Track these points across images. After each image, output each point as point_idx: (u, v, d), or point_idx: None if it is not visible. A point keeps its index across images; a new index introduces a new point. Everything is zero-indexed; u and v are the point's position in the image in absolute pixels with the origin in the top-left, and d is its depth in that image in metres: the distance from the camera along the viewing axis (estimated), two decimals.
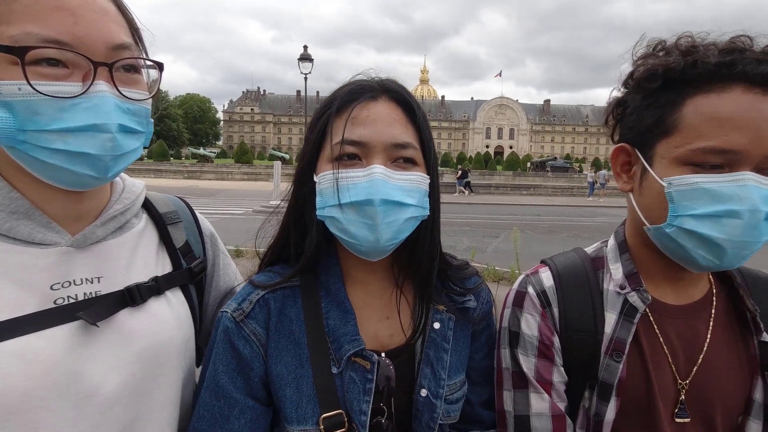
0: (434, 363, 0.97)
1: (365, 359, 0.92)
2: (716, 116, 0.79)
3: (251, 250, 9.34)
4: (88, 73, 0.71)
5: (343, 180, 0.86)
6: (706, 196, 0.80)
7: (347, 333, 0.93)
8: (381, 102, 0.91)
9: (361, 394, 0.90)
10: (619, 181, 0.97)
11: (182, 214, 1.05)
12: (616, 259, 1.00)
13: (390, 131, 0.88)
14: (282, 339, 0.93)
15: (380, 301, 1.01)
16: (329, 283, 0.97)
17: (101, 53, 0.71)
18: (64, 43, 0.68)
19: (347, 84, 0.94)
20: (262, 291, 0.96)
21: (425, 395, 0.95)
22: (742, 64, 0.78)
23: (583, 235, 14.14)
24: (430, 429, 0.95)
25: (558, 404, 0.95)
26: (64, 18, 0.68)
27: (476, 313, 1.06)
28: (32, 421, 0.71)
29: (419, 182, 0.90)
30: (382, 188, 0.84)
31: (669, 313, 0.96)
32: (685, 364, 0.93)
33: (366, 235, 0.86)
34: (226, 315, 0.94)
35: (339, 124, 0.89)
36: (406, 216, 0.88)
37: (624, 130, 0.96)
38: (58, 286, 0.77)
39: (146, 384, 0.84)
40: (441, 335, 0.99)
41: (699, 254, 0.83)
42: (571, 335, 0.96)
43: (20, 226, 0.75)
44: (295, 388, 0.91)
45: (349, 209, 0.86)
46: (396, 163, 0.89)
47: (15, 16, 0.66)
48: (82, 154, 0.71)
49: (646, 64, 0.89)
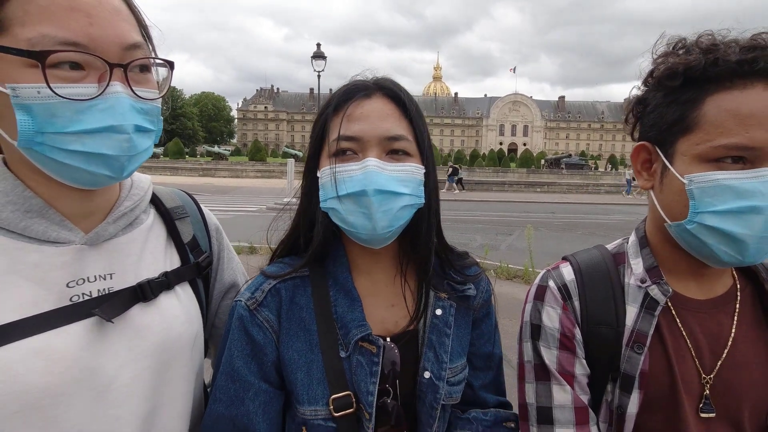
0: (437, 347, 1.02)
1: (371, 343, 0.97)
2: (738, 113, 0.79)
3: (265, 247, 9.36)
4: (103, 74, 0.71)
5: (340, 173, 0.92)
6: (728, 192, 0.80)
7: (354, 319, 0.98)
8: (374, 99, 0.96)
9: (368, 376, 0.95)
10: (640, 178, 0.97)
11: (189, 209, 1.06)
12: (636, 254, 1.01)
13: (383, 125, 0.93)
14: (293, 325, 0.98)
15: (385, 289, 1.06)
16: (337, 273, 1.02)
17: (115, 54, 0.71)
18: (80, 44, 0.68)
19: (343, 85, 1.00)
20: (273, 281, 1.01)
21: (428, 377, 1.00)
22: (764, 60, 0.78)
23: (598, 232, 13.99)
24: (433, 409, 1.00)
25: (581, 396, 0.96)
26: (80, 19, 0.68)
27: (476, 301, 1.11)
28: (53, 416, 0.72)
29: (413, 172, 0.95)
30: (375, 179, 0.90)
31: (692, 307, 0.95)
32: (709, 359, 0.92)
33: (364, 224, 0.92)
34: (240, 303, 0.98)
35: (336, 121, 0.95)
36: (400, 204, 0.93)
37: (644, 128, 0.95)
38: (73, 284, 0.78)
39: (159, 377, 0.86)
40: (443, 321, 1.04)
41: (721, 250, 0.83)
42: (593, 328, 0.97)
43: (35, 225, 0.76)
44: (306, 372, 0.96)
45: (346, 200, 0.92)
46: (390, 155, 0.94)
47: (30, 18, 0.66)
48: (99, 154, 0.72)
49: (667, 62, 0.89)
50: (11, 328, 0.71)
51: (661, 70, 0.89)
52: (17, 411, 0.70)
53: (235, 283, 1.13)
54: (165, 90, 0.82)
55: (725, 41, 0.84)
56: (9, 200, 0.75)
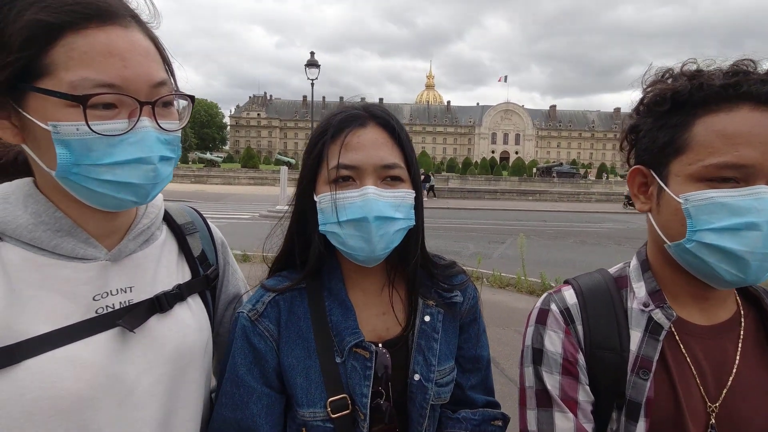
0: (425, 351, 1.09)
1: (365, 349, 1.03)
2: (725, 133, 0.82)
3: (259, 255, 9.32)
4: (134, 110, 0.78)
5: (341, 200, 0.98)
6: (723, 209, 0.82)
7: (348, 327, 1.05)
8: (369, 128, 1.02)
9: (362, 380, 1.02)
10: (637, 202, 0.98)
11: (198, 225, 1.12)
12: (639, 277, 1.00)
13: (378, 154, 1.00)
14: (292, 334, 1.05)
15: (376, 299, 1.13)
16: (332, 285, 1.10)
17: (145, 92, 0.78)
18: (116, 85, 0.75)
19: (338, 112, 1.06)
20: (272, 293, 1.08)
21: (418, 379, 1.07)
22: (747, 84, 0.82)
23: (590, 241, 14.09)
24: (422, 409, 1.06)
25: (584, 425, 0.93)
26: (115, 63, 0.75)
27: (463, 308, 1.18)
28: (83, 420, 0.79)
29: (405, 197, 1.03)
30: (374, 206, 0.97)
31: (696, 333, 0.94)
32: (714, 387, 0.91)
33: (363, 247, 0.99)
34: (243, 315, 1.05)
35: (334, 150, 1.00)
36: (396, 228, 1.01)
37: (638, 153, 0.98)
38: (98, 297, 0.85)
39: (174, 383, 0.92)
40: (431, 327, 1.11)
41: (722, 269, 0.84)
42: (596, 352, 0.95)
43: (64, 243, 0.83)
44: (305, 377, 1.02)
45: (347, 225, 0.98)
46: (385, 181, 1.01)
47: (73, 63, 0.73)
48: (128, 183, 0.79)
49: (655, 89, 0.93)
50: (45, 339, 0.77)
51: (650, 96, 0.93)
52: (52, 415, 0.76)
53: (239, 294, 1.19)
54: (185, 121, 0.89)
55: (708, 69, 0.88)
56: (41, 220, 0.82)
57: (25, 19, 0.71)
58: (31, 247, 0.81)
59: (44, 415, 0.75)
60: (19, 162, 0.90)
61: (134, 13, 0.82)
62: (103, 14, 0.75)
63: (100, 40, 0.74)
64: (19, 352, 0.74)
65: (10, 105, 0.75)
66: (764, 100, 0.81)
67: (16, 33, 0.71)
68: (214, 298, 1.13)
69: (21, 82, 0.73)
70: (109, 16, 0.76)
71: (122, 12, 0.78)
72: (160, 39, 0.86)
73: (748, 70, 0.84)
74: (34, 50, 0.72)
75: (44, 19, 0.71)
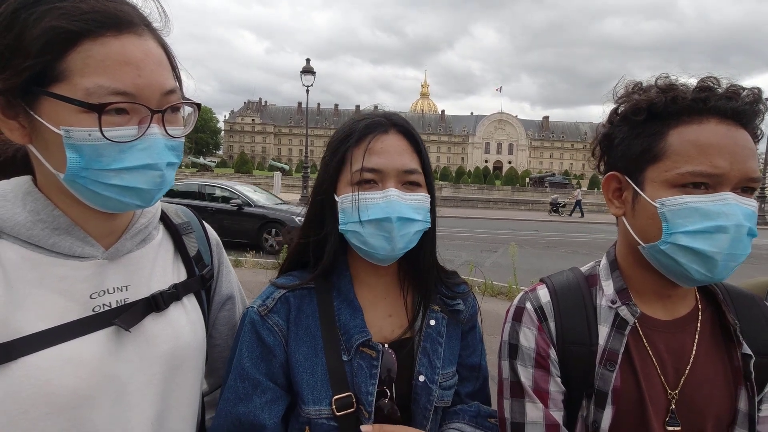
0: (430, 354, 1.12)
1: (371, 348, 1.06)
2: (699, 143, 0.89)
3: (251, 260, 9.32)
4: (144, 118, 0.79)
5: (364, 201, 1.03)
6: (696, 214, 0.88)
7: (356, 326, 1.07)
8: (391, 135, 1.08)
9: (367, 378, 1.04)
10: (611, 206, 1.04)
11: (193, 225, 1.13)
12: (607, 276, 1.07)
13: (400, 160, 1.05)
14: (300, 331, 1.07)
15: (384, 301, 1.16)
16: (341, 285, 1.12)
17: (156, 100, 0.80)
18: (129, 93, 0.76)
19: (361, 119, 1.11)
20: (283, 290, 1.10)
21: (423, 381, 1.09)
22: (714, 100, 0.90)
23: (581, 250, 14.16)
24: (426, 410, 1.08)
25: (553, 413, 1.01)
26: (130, 71, 0.76)
27: (464, 316, 1.22)
28: (79, 416, 0.79)
29: (423, 201, 1.08)
30: (397, 207, 1.02)
31: (658, 327, 1.02)
32: (673, 375, 0.99)
33: (384, 245, 1.04)
34: (252, 309, 1.08)
35: (358, 154, 1.05)
36: (415, 229, 1.06)
37: (613, 160, 1.04)
38: (95, 295, 0.85)
39: (168, 382, 0.92)
40: (436, 331, 1.14)
41: (692, 268, 0.90)
42: (568, 347, 1.02)
43: (62, 241, 0.83)
44: (311, 374, 1.04)
45: (368, 225, 1.03)
46: (405, 185, 1.06)
47: (89, 70, 0.74)
48: (135, 188, 0.80)
49: (631, 100, 0.99)
50: (42, 337, 0.77)
51: (626, 106, 0.99)
52: (48, 412, 0.76)
53: (232, 296, 1.19)
54: (191, 127, 0.91)
55: (678, 82, 0.96)
56: (40, 219, 0.82)
57: (44, 25, 0.72)
58: (28, 245, 0.81)
59: (39, 412, 0.75)
60: (18, 159, 0.90)
61: (147, 21, 0.83)
62: (119, 23, 0.77)
63: (116, 49, 0.75)
64: (15, 349, 0.75)
65: (21, 107, 0.76)
66: (729, 114, 0.90)
67: (34, 39, 0.72)
68: (209, 298, 1.14)
69: (35, 86, 0.74)
70: (125, 25, 0.77)
71: (137, 20, 0.80)
72: (169, 46, 0.87)
73: (714, 87, 0.92)
74: (51, 56, 0.73)
75: (62, 26, 0.72)
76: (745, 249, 0.89)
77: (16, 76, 0.73)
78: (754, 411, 0.96)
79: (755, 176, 0.89)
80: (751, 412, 0.96)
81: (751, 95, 0.92)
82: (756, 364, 0.98)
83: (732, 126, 0.90)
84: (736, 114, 0.90)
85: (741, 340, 0.99)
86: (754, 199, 0.92)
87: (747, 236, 0.88)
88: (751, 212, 0.89)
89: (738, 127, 0.90)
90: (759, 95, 0.93)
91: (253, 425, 1.01)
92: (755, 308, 1.06)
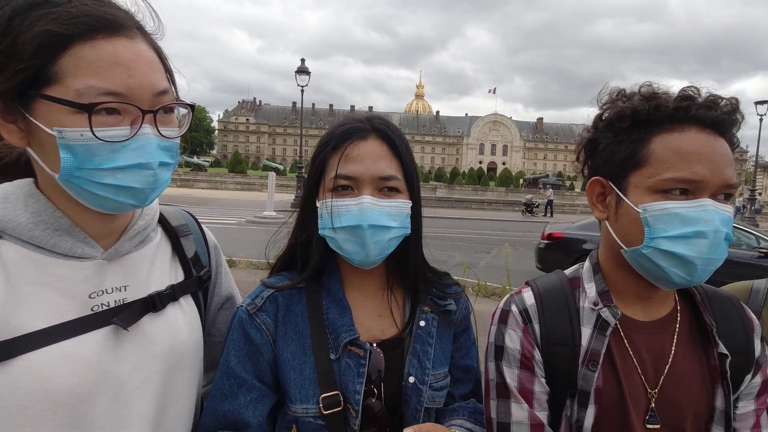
0: (420, 355, 1.12)
1: (359, 347, 1.06)
2: (682, 151, 0.92)
3: (245, 260, 9.28)
4: (136, 118, 0.80)
5: (337, 207, 1.03)
6: (677, 219, 0.91)
7: (344, 325, 1.08)
8: (370, 141, 1.07)
9: (355, 377, 1.04)
10: (595, 210, 1.07)
11: (191, 227, 1.15)
12: (590, 279, 1.10)
13: (376, 167, 1.05)
14: (288, 330, 1.08)
15: (373, 301, 1.16)
16: (331, 285, 1.13)
17: (147, 100, 0.81)
18: (120, 94, 0.78)
19: (341, 124, 1.11)
20: (272, 290, 1.11)
21: (413, 382, 1.09)
22: (694, 109, 0.93)
23: None
24: (417, 411, 1.08)
25: (537, 413, 1.03)
26: (121, 72, 0.78)
27: (456, 317, 1.22)
28: (78, 413, 0.81)
29: (401, 207, 1.07)
30: (369, 215, 1.02)
31: (638, 328, 1.05)
32: (653, 375, 1.02)
33: (358, 251, 1.04)
34: (241, 308, 1.08)
35: (334, 160, 1.06)
36: (390, 236, 1.05)
37: (597, 165, 1.06)
38: (94, 295, 0.87)
39: (165, 381, 0.94)
40: (426, 332, 1.14)
41: (673, 272, 0.93)
42: (552, 348, 1.05)
43: (62, 242, 0.85)
44: (299, 372, 1.04)
45: (341, 231, 1.03)
46: (382, 192, 1.05)
47: (80, 71, 0.76)
48: (128, 187, 0.81)
49: (615, 107, 1.01)
50: (41, 335, 0.79)
51: (611, 113, 1.01)
52: (46, 409, 0.78)
53: (232, 296, 1.22)
54: (185, 128, 0.92)
55: (659, 90, 0.98)
56: (41, 219, 0.84)
57: (37, 29, 0.74)
58: (30, 246, 0.83)
59: (38, 409, 0.77)
60: (21, 163, 0.92)
61: (140, 24, 0.85)
62: (110, 26, 0.78)
63: (107, 51, 0.77)
64: (15, 347, 0.76)
65: (18, 110, 0.78)
66: (709, 123, 0.93)
67: (27, 42, 0.73)
68: (206, 299, 1.15)
69: (30, 88, 0.76)
70: (116, 28, 0.79)
71: (128, 24, 0.82)
72: (163, 49, 0.89)
73: (694, 96, 0.95)
74: (43, 59, 0.74)
75: (55, 29, 0.74)
76: (722, 254, 0.92)
77: (11, 78, 0.75)
78: (730, 409, 0.99)
79: (733, 183, 0.92)
80: (727, 410, 0.99)
81: (729, 105, 0.94)
82: (732, 364, 1.00)
83: (711, 135, 0.93)
84: (715, 123, 0.93)
85: (717, 340, 1.02)
86: (729, 205, 0.95)
87: (724, 241, 0.91)
88: (727, 218, 0.92)
89: (717, 135, 0.93)
90: (736, 105, 0.95)
91: (237, 423, 1.02)
92: (732, 309, 1.09)
